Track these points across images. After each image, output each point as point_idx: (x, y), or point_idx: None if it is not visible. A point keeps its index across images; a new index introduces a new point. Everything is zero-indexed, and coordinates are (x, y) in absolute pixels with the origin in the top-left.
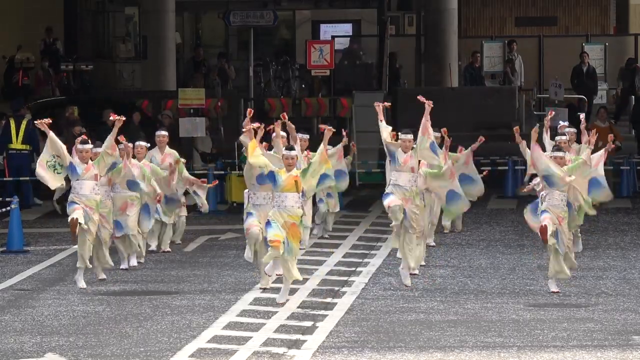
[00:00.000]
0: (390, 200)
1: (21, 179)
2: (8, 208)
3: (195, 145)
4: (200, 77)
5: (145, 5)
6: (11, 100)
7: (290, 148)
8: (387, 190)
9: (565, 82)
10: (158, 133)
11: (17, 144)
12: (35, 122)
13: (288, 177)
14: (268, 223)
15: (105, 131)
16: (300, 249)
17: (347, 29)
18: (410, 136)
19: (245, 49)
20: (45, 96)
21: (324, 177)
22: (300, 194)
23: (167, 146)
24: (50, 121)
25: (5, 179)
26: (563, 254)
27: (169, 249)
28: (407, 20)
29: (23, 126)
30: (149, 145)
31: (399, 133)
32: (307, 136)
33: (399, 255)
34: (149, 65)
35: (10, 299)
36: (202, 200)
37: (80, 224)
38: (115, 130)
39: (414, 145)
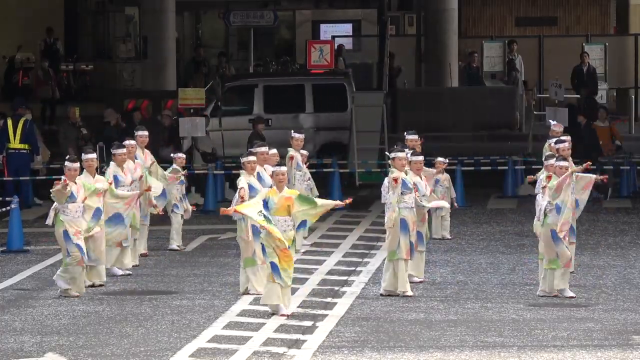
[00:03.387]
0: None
1: (21, 178)
2: (8, 208)
3: (196, 145)
4: (200, 77)
5: (145, 5)
6: (12, 101)
7: (279, 164)
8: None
9: (565, 82)
10: (139, 133)
11: (15, 143)
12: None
13: (280, 199)
14: (263, 247)
15: (108, 131)
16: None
17: (347, 29)
18: (403, 154)
19: (245, 49)
20: (45, 96)
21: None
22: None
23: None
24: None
25: (5, 178)
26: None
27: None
28: (407, 20)
29: (20, 125)
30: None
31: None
32: (302, 135)
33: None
34: (149, 65)
35: (10, 298)
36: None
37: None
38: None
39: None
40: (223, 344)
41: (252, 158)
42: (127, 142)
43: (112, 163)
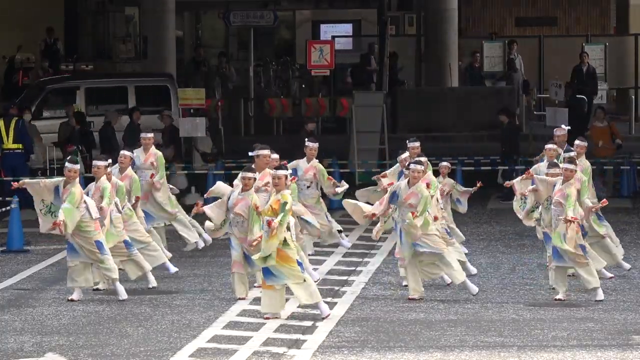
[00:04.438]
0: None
1: (20, 179)
2: (8, 208)
3: (195, 145)
4: (201, 77)
5: (145, 5)
6: (11, 101)
7: (278, 167)
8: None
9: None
10: (144, 135)
11: (8, 143)
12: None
13: (272, 201)
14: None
15: (108, 131)
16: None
17: (347, 29)
18: (420, 167)
19: (245, 49)
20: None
21: None
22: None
23: (152, 146)
24: (23, 182)
25: (4, 179)
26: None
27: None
28: (407, 20)
29: (12, 125)
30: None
31: (410, 164)
32: (316, 144)
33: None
34: (149, 65)
35: (10, 298)
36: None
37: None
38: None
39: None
40: (223, 344)
41: (249, 174)
42: (121, 153)
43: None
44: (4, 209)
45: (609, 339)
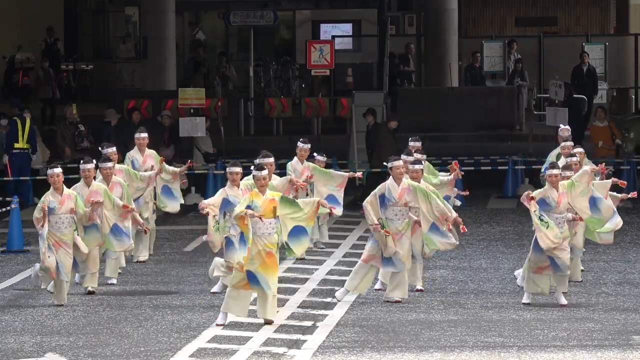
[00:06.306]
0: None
1: (21, 178)
2: (8, 208)
3: (197, 145)
4: (200, 77)
5: (145, 5)
6: (10, 101)
7: (260, 168)
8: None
9: None
10: (138, 135)
11: (22, 143)
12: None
13: (264, 201)
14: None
15: (108, 130)
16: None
17: (347, 29)
18: (400, 162)
19: (245, 49)
20: (45, 96)
21: (300, 231)
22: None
23: (147, 147)
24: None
25: (7, 178)
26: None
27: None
28: (407, 20)
29: (27, 126)
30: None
31: (388, 162)
32: (308, 145)
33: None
34: (149, 65)
35: (10, 298)
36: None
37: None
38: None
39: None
40: (223, 344)
41: (235, 169)
42: (108, 151)
43: (99, 177)
44: (4, 209)
45: (609, 339)
